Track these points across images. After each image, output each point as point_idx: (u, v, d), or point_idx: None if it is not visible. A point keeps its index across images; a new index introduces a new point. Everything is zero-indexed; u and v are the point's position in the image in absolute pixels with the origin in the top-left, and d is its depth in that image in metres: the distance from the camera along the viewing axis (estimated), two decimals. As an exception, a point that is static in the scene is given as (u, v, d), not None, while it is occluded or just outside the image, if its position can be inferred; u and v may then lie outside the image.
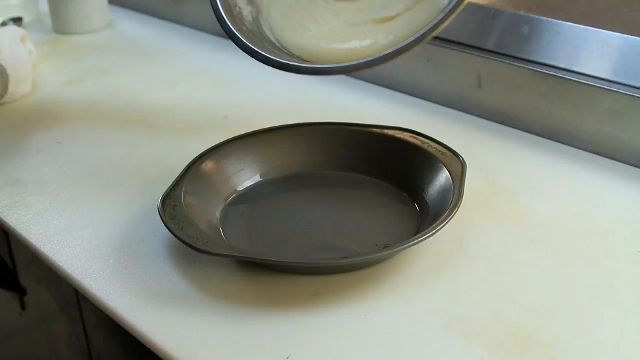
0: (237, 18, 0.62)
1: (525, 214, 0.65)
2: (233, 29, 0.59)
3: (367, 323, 0.52)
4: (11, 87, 0.91)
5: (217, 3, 0.61)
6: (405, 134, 0.70)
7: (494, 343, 0.50)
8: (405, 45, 0.53)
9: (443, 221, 0.56)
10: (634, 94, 0.71)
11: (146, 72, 1.03)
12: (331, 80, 0.95)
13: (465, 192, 0.60)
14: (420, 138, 0.69)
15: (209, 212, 0.64)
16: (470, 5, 0.83)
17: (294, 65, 0.57)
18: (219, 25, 0.61)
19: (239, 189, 0.68)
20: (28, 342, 0.90)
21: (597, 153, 0.76)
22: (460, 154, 0.66)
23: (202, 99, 0.93)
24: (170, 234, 0.57)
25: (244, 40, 0.59)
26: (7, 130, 0.85)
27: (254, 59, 0.59)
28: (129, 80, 1.01)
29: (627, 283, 0.56)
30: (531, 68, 0.78)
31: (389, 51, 0.53)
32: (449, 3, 0.53)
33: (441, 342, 0.50)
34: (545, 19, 0.78)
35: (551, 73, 0.77)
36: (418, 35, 0.52)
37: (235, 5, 0.62)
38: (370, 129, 0.71)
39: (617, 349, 0.50)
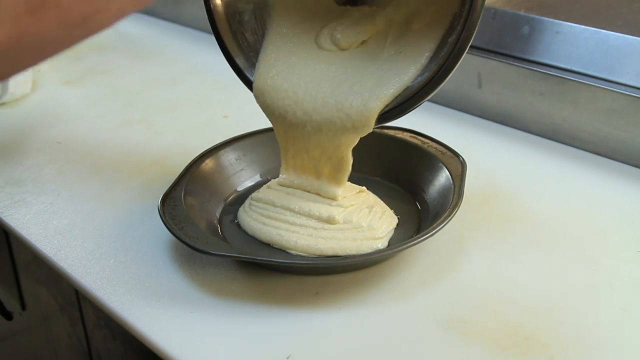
0: (238, 31, 0.62)
1: (525, 214, 0.65)
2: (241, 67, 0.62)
3: (367, 323, 0.52)
4: (11, 87, 0.91)
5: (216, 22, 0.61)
6: (405, 133, 0.70)
7: (494, 343, 0.50)
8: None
9: (443, 221, 0.56)
10: (634, 94, 0.71)
11: (146, 72, 1.03)
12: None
13: (465, 192, 0.60)
14: (420, 138, 0.69)
15: (208, 212, 0.64)
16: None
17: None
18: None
19: (239, 189, 0.68)
20: (28, 342, 0.90)
21: (597, 153, 0.76)
22: (460, 154, 0.66)
23: (202, 99, 0.93)
24: (170, 234, 0.57)
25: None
26: (7, 130, 0.85)
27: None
28: (129, 80, 1.01)
29: (627, 283, 0.56)
30: (531, 68, 0.78)
31: None
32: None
33: (441, 342, 0.50)
34: (545, 19, 0.78)
35: (551, 73, 0.77)
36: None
37: (235, 12, 0.62)
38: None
39: (617, 349, 0.50)
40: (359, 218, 0.59)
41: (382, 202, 0.64)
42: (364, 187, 0.64)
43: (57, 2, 0.36)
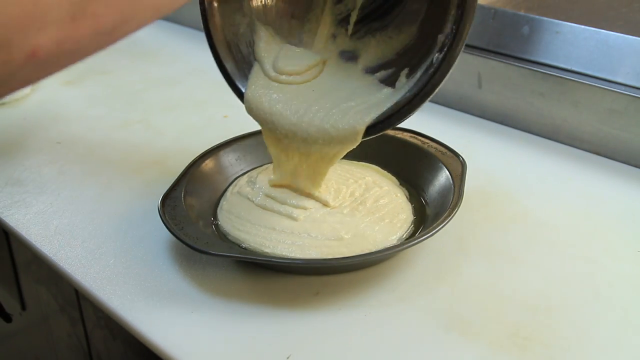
0: (232, 42, 0.62)
1: (525, 213, 0.65)
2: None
3: (367, 323, 0.52)
4: (11, 87, 0.91)
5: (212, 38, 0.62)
6: (405, 134, 0.70)
7: (494, 343, 0.50)
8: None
9: (443, 221, 0.56)
10: (634, 94, 0.71)
11: (146, 72, 1.03)
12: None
13: (465, 192, 0.60)
14: (420, 138, 0.69)
15: (208, 213, 0.64)
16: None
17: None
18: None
19: (239, 189, 0.68)
20: (28, 342, 0.90)
21: (597, 153, 0.76)
22: (460, 154, 0.66)
23: (202, 99, 0.93)
24: (170, 234, 0.57)
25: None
26: (7, 130, 0.85)
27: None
28: (129, 80, 1.00)
29: (627, 283, 0.56)
30: (531, 68, 0.78)
31: None
32: None
33: (441, 342, 0.50)
34: (545, 19, 0.78)
35: (551, 73, 0.77)
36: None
37: (232, 24, 0.62)
38: (370, 129, 0.71)
39: (617, 349, 0.50)
40: (375, 232, 0.59)
41: (409, 206, 0.64)
42: (399, 193, 0.64)
43: (95, 11, 0.39)
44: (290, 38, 0.62)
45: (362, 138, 0.58)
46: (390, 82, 0.58)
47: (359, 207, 0.61)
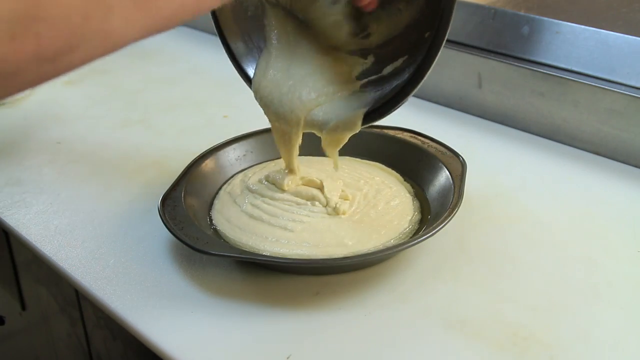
0: (243, 31, 0.62)
1: (525, 214, 0.65)
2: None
3: (367, 323, 0.52)
4: (11, 87, 0.90)
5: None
6: (405, 133, 0.70)
7: (494, 343, 0.50)
8: None
9: (443, 221, 0.56)
10: (634, 94, 0.71)
11: (146, 72, 1.03)
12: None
13: (465, 192, 0.60)
14: (420, 138, 0.69)
15: (207, 213, 0.63)
16: (470, 5, 0.83)
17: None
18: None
19: (239, 189, 0.68)
20: (28, 342, 0.90)
21: (597, 153, 0.76)
22: (460, 154, 0.66)
23: (202, 99, 0.93)
24: (170, 234, 0.57)
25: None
26: (7, 130, 0.85)
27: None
28: (129, 80, 1.00)
29: (627, 283, 0.56)
30: (531, 68, 0.78)
31: None
32: None
33: (441, 342, 0.50)
34: (545, 18, 0.78)
35: (551, 73, 0.77)
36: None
37: (241, 9, 0.62)
38: (370, 129, 0.71)
39: (617, 349, 0.50)
40: (381, 235, 0.59)
41: (415, 204, 0.64)
42: (407, 193, 0.65)
43: (38, 31, 0.36)
44: (301, 14, 0.62)
45: (362, 125, 0.58)
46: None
47: (370, 211, 0.61)
